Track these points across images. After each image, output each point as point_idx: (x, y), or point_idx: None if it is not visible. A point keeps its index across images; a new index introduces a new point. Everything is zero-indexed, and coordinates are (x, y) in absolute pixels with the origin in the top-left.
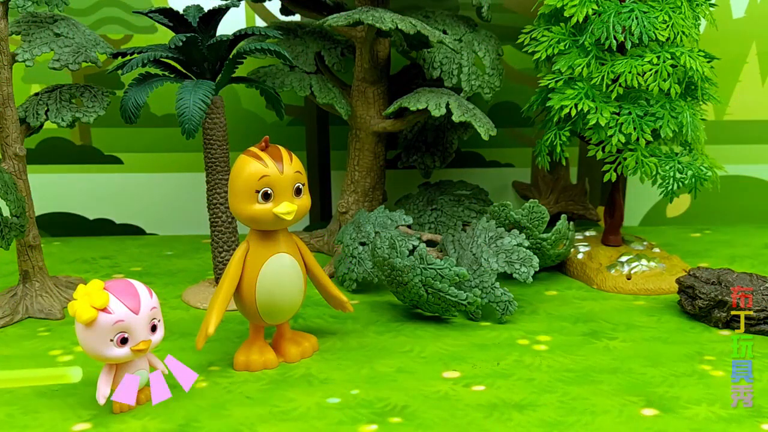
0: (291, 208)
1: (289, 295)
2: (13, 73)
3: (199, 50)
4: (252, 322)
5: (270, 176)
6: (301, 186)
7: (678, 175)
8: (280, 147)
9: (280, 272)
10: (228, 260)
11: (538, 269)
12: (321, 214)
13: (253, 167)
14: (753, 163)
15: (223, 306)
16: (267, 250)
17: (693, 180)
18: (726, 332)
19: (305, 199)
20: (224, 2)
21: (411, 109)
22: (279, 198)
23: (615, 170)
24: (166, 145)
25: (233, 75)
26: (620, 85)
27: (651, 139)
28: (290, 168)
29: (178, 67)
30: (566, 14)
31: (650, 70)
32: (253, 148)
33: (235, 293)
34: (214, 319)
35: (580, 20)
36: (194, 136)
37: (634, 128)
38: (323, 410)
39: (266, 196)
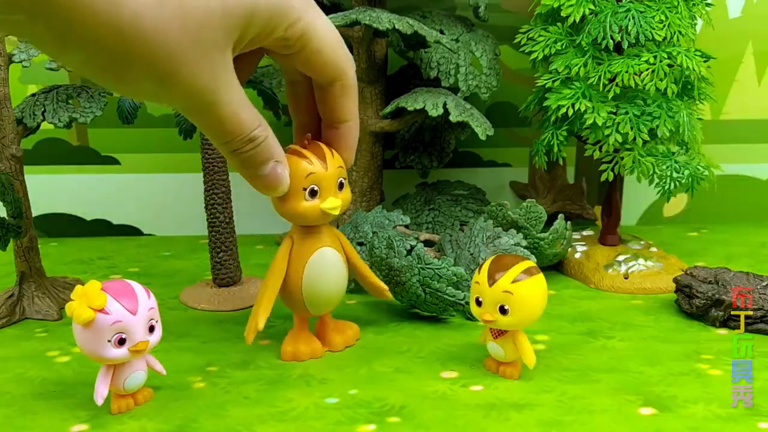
0: (337, 203)
1: (333, 286)
2: (10, 74)
3: None
4: (297, 313)
5: (316, 173)
6: (343, 180)
7: (675, 175)
8: (321, 144)
9: (324, 265)
10: (225, 261)
11: None
12: None
13: (299, 165)
14: (749, 162)
15: (271, 301)
16: (311, 245)
17: (690, 179)
18: (723, 331)
19: (347, 193)
20: None
21: (408, 109)
22: (325, 194)
23: (612, 170)
24: (163, 145)
25: None
26: (617, 85)
27: (648, 138)
28: (333, 164)
29: None
30: (563, 14)
31: (647, 69)
32: (294, 146)
33: (281, 286)
34: (262, 314)
35: (577, 20)
36: (192, 137)
37: (631, 128)
38: (321, 410)
39: (313, 193)
